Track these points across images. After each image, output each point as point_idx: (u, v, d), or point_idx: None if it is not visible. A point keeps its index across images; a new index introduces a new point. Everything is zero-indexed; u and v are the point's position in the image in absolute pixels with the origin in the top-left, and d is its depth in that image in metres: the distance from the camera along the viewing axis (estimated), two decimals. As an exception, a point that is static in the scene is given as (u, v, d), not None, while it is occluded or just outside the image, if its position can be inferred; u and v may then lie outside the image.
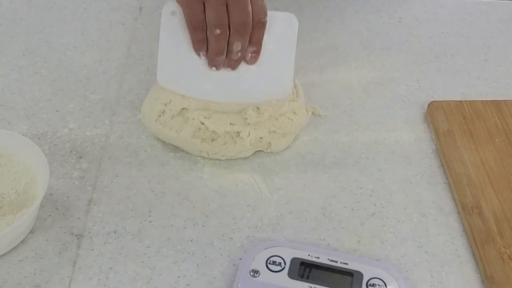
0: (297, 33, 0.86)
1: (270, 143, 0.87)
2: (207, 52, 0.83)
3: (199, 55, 0.84)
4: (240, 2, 0.80)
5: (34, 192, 0.78)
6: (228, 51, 0.83)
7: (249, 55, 0.84)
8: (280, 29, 0.86)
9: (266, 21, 0.82)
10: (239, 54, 0.83)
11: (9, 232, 0.72)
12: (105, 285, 0.73)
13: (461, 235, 0.79)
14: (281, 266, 0.73)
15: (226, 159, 0.87)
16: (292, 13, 0.86)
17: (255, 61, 0.84)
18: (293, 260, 0.73)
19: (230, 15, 0.80)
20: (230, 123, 0.85)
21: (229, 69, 0.84)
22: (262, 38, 0.84)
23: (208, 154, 0.86)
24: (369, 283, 0.71)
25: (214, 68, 0.84)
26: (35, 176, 0.79)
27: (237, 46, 0.82)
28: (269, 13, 0.83)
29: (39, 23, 1.09)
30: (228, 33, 0.81)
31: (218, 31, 0.80)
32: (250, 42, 0.83)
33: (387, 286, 0.71)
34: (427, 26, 1.11)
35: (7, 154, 0.81)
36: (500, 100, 0.94)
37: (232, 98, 0.86)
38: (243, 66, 0.85)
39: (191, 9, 0.81)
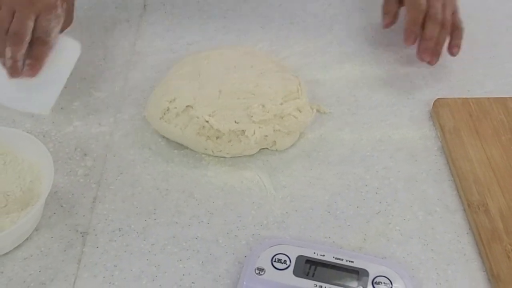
0: (75, 61, 0.90)
1: (275, 141, 0.87)
2: None
3: None
4: (21, 15, 0.85)
5: (39, 189, 0.78)
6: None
7: (25, 67, 0.85)
8: (64, 53, 0.90)
9: (49, 40, 0.87)
10: (10, 61, 0.84)
11: (14, 230, 0.72)
12: (110, 283, 0.73)
13: (467, 233, 0.79)
14: (287, 264, 0.72)
15: (231, 157, 0.87)
16: (78, 43, 0.92)
17: (30, 74, 0.85)
18: (299, 258, 0.73)
19: (11, 24, 0.85)
20: (235, 121, 0.84)
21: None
22: (44, 55, 0.86)
23: (212, 151, 0.86)
24: (375, 281, 0.71)
25: None
26: (40, 174, 0.79)
27: (8, 52, 0.84)
28: (60, 36, 0.89)
29: (44, 20, 1.09)
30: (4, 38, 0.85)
31: None
32: (30, 56, 0.85)
33: (393, 284, 0.70)
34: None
35: (12, 152, 0.81)
36: (506, 98, 0.94)
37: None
38: None
39: None
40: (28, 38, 0.84)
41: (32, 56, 0.86)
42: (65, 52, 0.90)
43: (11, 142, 0.81)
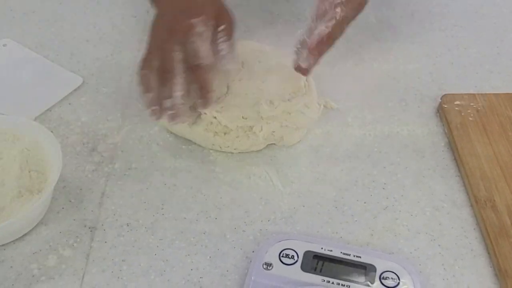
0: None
1: (282, 136, 0.87)
2: None
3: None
4: (165, 51, 0.80)
5: (48, 178, 0.78)
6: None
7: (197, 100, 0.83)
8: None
9: (206, 64, 0.81)
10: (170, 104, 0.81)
11: (22, 217, 0.73)
12: (118, 278, 0.73)
13: (474, 229, 0.79)
14: (294, 259, 0.73)
15: (238, 152, 0.87)
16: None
17: (202, 107, 0.83)
18: (306, 253, 0.73)
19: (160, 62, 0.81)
20: (243, 117, 0.85)
21: None
22: (207, 83, 0.82)
23: (220, 147, 0.86)
24: (382, 276, 0.71)
25: None
26: (48, 162, 0.79)
27: (164, 92, 0.80)
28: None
29: (51, 16, 1.09)
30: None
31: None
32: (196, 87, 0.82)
33: (401, 279, 0.71)
34: (439, 19, 1.11)
35: (20, 139, 0.81)
36: (513, 93, 0.94)
37: None
38: None
39: None
40: (178, 72, 0.79)
41: (198, 87, 0.81)
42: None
43: (19, 130, 0.81)
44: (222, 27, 0.82)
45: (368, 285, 0.70)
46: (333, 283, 0.71)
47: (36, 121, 0.85)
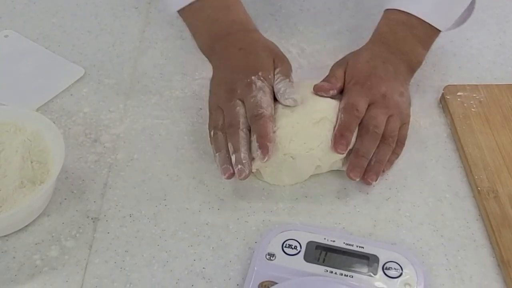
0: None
1: None
2: None
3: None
4: (227, 104, 0.83)
5: (50, 169, 0.78)
6: None
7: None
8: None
9: (269, 114, 0.80)
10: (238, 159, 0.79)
11: (26, 206, 0.73)
12: (121, 268, 0.74)
13: (477, 219, 0.79)
14: (297, 250, 0.73)
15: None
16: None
17: (263, 158, 0.78)
18: (309, 243, 0.73)
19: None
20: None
21: None
22: (266, 131, 0.79)
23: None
24: (385, 266, 0.71)
25: None
26: (51, 152, 0.79)
27: (232, 148, 0.80)
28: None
29: (53, 7, 1.09)
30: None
31: None
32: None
33: (403, 270, 0.71)
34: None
35: (23, 129, 0.81)
36: (516, 84, 0.94)
37: None
38: None
39: None
40: (242, 126, 0.80)
41: (257, 136, 0.79)
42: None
43: (21, 121, 0.81)
44: (278, 69, 0.85)
45: (371, 276, 0.70)
46: (336, 273, 0.71)
47: (38, 112, 0.85)
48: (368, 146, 0.81)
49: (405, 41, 0.90)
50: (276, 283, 0.69)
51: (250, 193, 0.81)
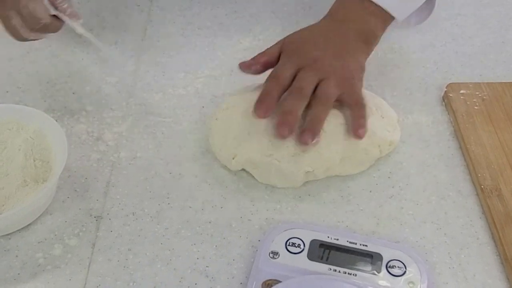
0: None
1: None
2: None
3: None
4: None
5: (53, 167, 0.78)
6: None
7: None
8: None
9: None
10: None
11: (28, 205, 0.73)
12: (124, 266, 0.73)
13: (480, 217, 0.79)
14: (301, 248, 0.73)
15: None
16: None
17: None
18: (313, 242, 0.73)
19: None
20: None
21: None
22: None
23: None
24: (388, 264, 0.71)
25: None
26: (53, 151, 0.79)
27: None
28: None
29: (54, 5, 1.09)
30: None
31: None
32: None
33: (407, 268, 0.71)
34: (444, 8, 1.10)
35: (26, 128, 0.81)
36: (519, 82, 0.94)
37: None
38: None
39: None
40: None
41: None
42: None
43: (24, 119, 0.81)
44: None
45: (375, 274, 0.70)
46: (339, 271, 0.71)
47: (40, 110, 0.85)
48: (291, 103, 0.79)
49: (355, 11, 0.88)
50: (280, 282, 0.69)
51: (253, 192, 0.81)
